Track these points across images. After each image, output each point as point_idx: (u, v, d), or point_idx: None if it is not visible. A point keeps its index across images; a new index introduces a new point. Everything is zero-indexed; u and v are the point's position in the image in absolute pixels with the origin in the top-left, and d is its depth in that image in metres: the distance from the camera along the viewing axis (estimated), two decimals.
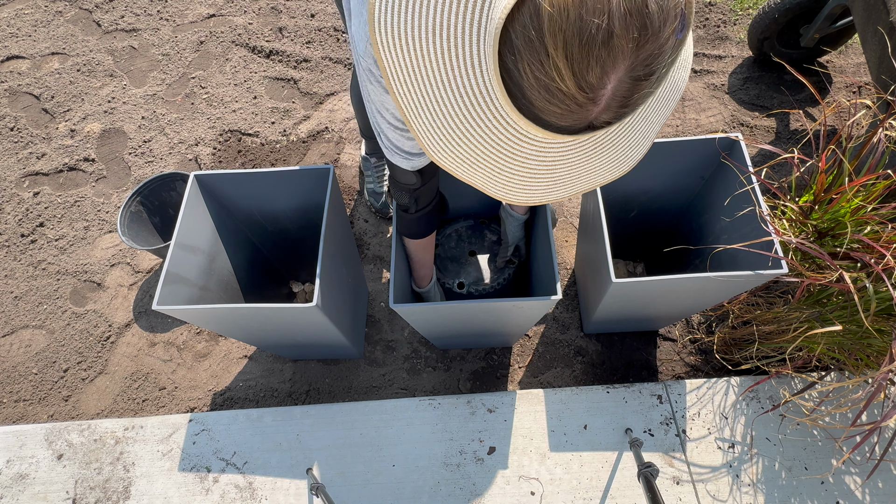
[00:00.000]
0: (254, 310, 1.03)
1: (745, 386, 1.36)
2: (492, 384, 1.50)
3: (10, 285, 1.78)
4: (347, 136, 1.99)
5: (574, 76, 0.38)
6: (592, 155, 0.48)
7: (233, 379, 1.56)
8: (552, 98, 0.40)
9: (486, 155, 0.47)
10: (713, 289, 1.09)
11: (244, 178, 1.20)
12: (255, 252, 1.45)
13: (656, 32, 0.37)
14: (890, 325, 1.06)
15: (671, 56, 0.40)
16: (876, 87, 1.36)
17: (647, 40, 0.37)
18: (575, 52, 0.37)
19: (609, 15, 0.35)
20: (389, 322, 1.62)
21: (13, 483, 1.38)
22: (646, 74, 0.40)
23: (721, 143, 1.16)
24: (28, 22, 2.39)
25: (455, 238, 1.52)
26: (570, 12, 0.36)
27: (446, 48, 0.43)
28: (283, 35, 2.25)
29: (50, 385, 1.60)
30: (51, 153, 2.04)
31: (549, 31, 0.37)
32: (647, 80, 0.40)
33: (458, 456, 1.33)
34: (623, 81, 0.39)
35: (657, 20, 0.37)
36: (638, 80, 0.40)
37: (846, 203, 1.11)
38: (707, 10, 2.18)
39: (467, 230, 1.53)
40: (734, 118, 1.90)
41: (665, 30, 0.38)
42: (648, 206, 1.41)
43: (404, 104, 0.48)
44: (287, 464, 1.34)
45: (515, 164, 0.48)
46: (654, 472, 1.05)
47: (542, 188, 0.51)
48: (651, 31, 0.37)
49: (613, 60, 0.37)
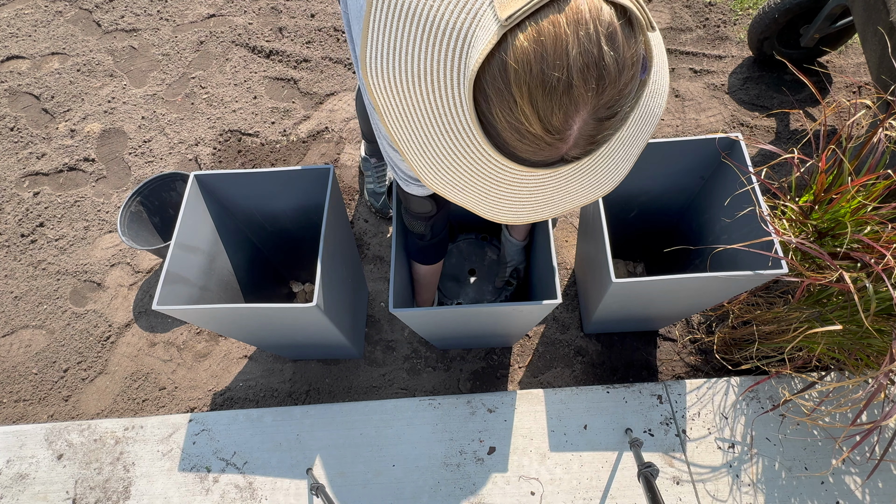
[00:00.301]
0: (254, 310, 1.03)
1: (745, 386, 1.36)
2: (492, 384, 1.50)
3: (10, 285, 1.78)
4: (347, 136, 1.99)
5: (540, 121, 0.42)
6: (573, 180, 0.52)
7: (233, 379, 1.56)
8: (523, 139, 0.44)
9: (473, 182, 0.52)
10: (713, 289, 1.09)
11: (244, 178, 1.20)
12: (255, 252, 1.45)
13: (614, 81, 0.41)
14: (890, 325, 1.06)
15: (634, 96, 0.44)
16: (876, 87, 1.36)
17: (606, 88, 0.41)
18: (539, 100, 0.41)
19: (567, 68, 0.39)
20: (389, 322, 1.62)
21: (13, 483, 1.38)
22: (609, 116, 0.44)
23: (721, 143, 1.16)
24: (28, 22, 2.39)
25: (456, 254, 1.55)
26: (532, 66, 0.40)
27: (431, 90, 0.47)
28: (283, 35, 2.25)
29: (50, 385, 1.60)
30: (51, 153, 2.04)
31: (514, 82, 0.41)
32: (611, 120, 0.44)
33: (458, 456, 1.33)
34: (587, 122, 0.43)
35: (613, 70, 0.40)
36: (602, 120, 0.44)
37: (846, 203, 1.11)
38: (707, 10, 2.18)
39: (468, 245, 1.55)
40: (734, 118, 1.90)
41: (622, 77, 0.41)
42: (648, 206, 1.40)
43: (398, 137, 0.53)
44: (287, 464, 1.34)
45: (501, 189, 0.52)
46: (654, 472, 1.05)
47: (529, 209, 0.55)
48: (609, 80, 0.41)
49: (575, 106, 0.41)
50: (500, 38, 0.40)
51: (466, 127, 0.47)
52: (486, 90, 0.43)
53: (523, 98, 0.41)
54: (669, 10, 2.19)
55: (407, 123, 0.51)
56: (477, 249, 1.56)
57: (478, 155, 0.49)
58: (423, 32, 0.46)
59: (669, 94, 1.98)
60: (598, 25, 0.39)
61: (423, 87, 0.48)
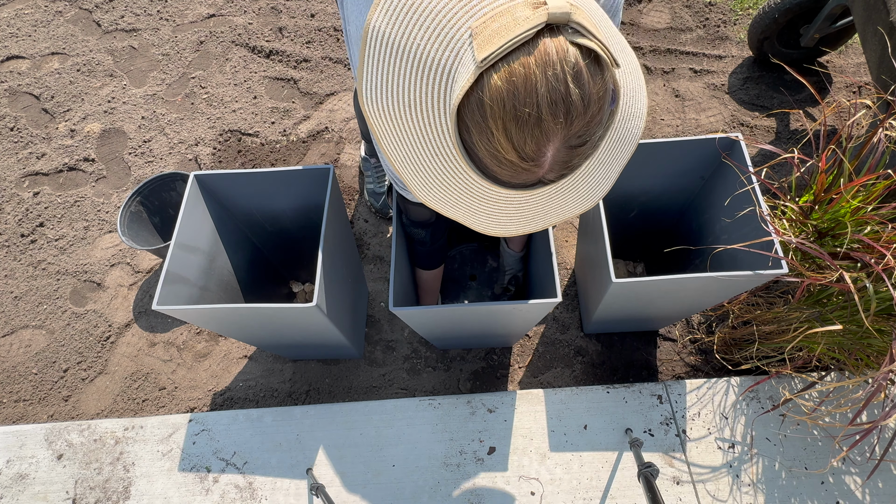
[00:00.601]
0: (254, 310, 1.03)
1: (745, 386, 1.36)
2: (492, 384, 1.50)
3: (10, 285, 1.78)
4: (347, 136, 1.99)
5: (515, 150, 0.47)
6: (556, 197, 0.58)
7: (233, 379, 1.56)
8: (501, 165, 0.49)
9: (462, 199, 0.57)
10: (713, 289, 1.09)
11: (244, 178, 1.20)
12: (255, 252, 1.45)
13: (581, 114, 0.45)
14: (890, 325, 1.06)
15: (605, 124, 0.49)
16: (876, 87, 1.36)
17: (574, 120, 0.45)
18: (513, 131, 0.46)
19: (537, 105, 0.44)
20: (389, 322, 1.62)
21: (13, 483, 1.38)
22: (580, 143, 0.48)
23: (721, 143, 1.16)
24: (28, 22, 2.39)
25: (458, 260, 1.57)
26: (505, 103, 0.44)
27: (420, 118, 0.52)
28: (283, 35, 2.25)
29: (50, 385, 1.60)
30: (51, 153, 2.04)
31: (490, 116, 0.46)
32: (583, 146, 0.49)
33: (458, 456, 1.33)
34: (560, 150, 0.48)
35: (579, 105, 0.45)
36: (573, 147, 0.48)
37: (846, 203, 1.11)
38: (707, 10, 2.18)
39: (470, 253, 1.58)
40: (734, 118, 1.90)
41: (590, 110, 0.46)
42: (648, 206, 1.40)
43: (393, 158, 0.58)
44: (287, 464, 1.34)
45: (489, 206, 0.57)
46: (654, 472, 1.05)
47: (516, 224, 0.61)
48: (576, 114, 0.45)
49: (546, 137, 0.46)
50: (478, 76, 0.45)
51: (452, 152, 0.52)
52: (466, 122, 0.48)
53: (498, 130, 0.46)
54: (669, 10, 2.19)
55: (400, 146, 0.56)
56: (478, 257, 1.59)
57: (463, 178, 0.54)
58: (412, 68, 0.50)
59: (670, 93, 1.98)
60: (565, 65, 0.44)
61: (413, 116, 0.52)
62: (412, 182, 0.58)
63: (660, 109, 1.96)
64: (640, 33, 2.15)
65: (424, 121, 0.52)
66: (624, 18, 2.20)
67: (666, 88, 2.00)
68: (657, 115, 1.95)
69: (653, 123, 1.93)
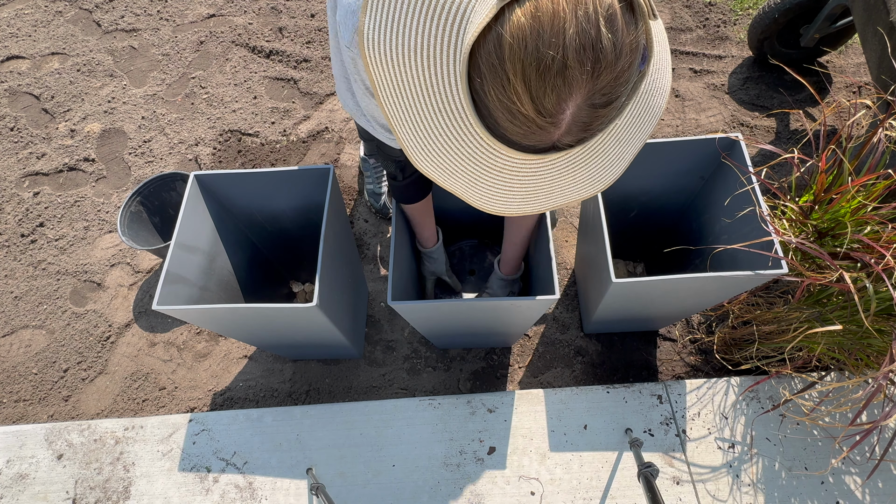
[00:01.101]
0: (254, 310, 1.03)
1: (745, 386, 1.36)
2: (492, 384, 1.50)
3: (10, 285, 1.78)
4: (347, 136, 1.99)
5: (532, 101, 0.41)
6: (566, 173, 0.51)
7: (233, 379, 1.56)
8: (514, 119, 0.43)
9: (462, 165, 0.51)
10: (713, 289, 1.09)
11: (244, 178, 1.20)
12: (255, 252, 1.45)
13: (610, 65, 0.40)
14: (890, 325, 1.06)
15: (632, 86, 0.44)
16: (876, 87, 1.36)
17: (602, 72, 0.40)
18: (532, 79, 0.40)
19: (563, 47, 0.38)
20: (389, 322, 1.62)
21: (13, 483, 1.38)
22: (604, 103, 0.43)
23: (721, 143, 1.16)
24: (28, 22, 2.39)
25: (458, 256, 1.58)
26: (527, 42, 0.39)
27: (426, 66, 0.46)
28: (283, 35, 2.25)
29: (50, 385, 1.60)
30: (51, 153, 2.04)
31: (508, 58, 0.40)
32: (607, 108, 0.43)
33: (458, 456, 1.33)
34: (581, 108, 0.42)
35: (610, 54, 0.39)
36: (596, 107, 0.43)
37: (846, 203, 1.11)
38: (707, 10, 2.18)
39: (470, 249, 1.58)
40: (734, 118, 1.90)
41: (620, 63, 0.40)
42: (648, 206, 1.40)
43: (390, 114, 0.52)
44: (287, 464, 1.34)
45: (490, 175, 0.51)
46: (654, 472, 1.05)
47: (518, 201, 0.54)
48: (605, 64, 0.40)
49: (569, 89, 0.40)
50: (499, 11, 0.40)
51: (459, 105, 0.46)
52: (480, 66, 0.42)
53: (516, 76, 0.40)
54: (669, 10, 2.19)
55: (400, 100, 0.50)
56: (478, 253, 1.58)
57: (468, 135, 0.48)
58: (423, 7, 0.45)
59: (670, 93, 1.98)
60: (598, 6, 0.38)
61: (419, 63, 0.47)
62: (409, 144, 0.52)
63: None
64: None
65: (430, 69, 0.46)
66: None
67: None
68: None
69: None
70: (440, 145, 0.50)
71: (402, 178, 1.06)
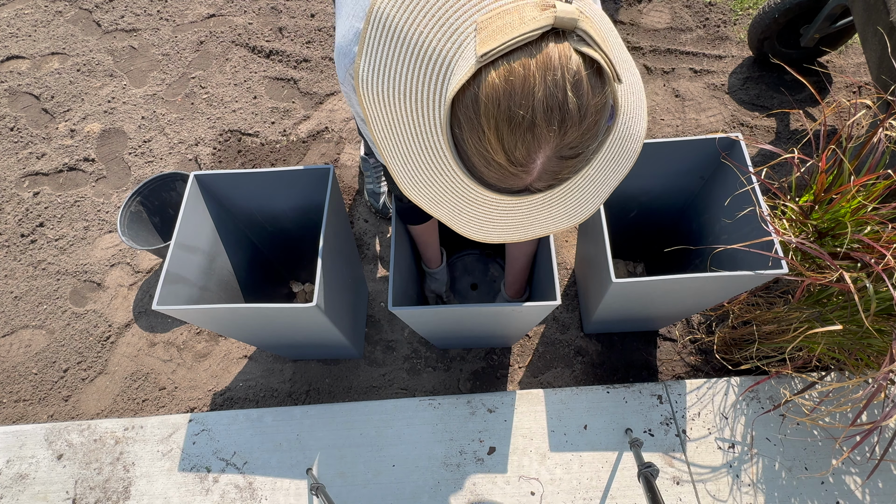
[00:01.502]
0: (254, 310, 1.03)
1: (745, 386, 1.35)
2: (492, 384, 1.50)
3: (10, 285, 1.78)
4: (347, 136, 1.99)
5: (504, 151, 0.45)
6: (543, 209, 0.56)
7: (233, 379, 1.56)
8: (489, 166, 0.48)
9: (446, 197, 0.56)
10: (713, 289, 1.09)
11: (244, 178, 1.20)
12: (255, 252, 1.45)
13: (576, 124, 0.44)
14: (890, 325, 1.06)
15: (598, 141, 0.48)
16: (876, 87, 1.36)
17: (568, 130, 0.44)
18: (504, 133, 0.44)
19: (532, 108, 0.43)
20: (389, 322, 1.62)
21: (13, 483, 1.38)
22: (572, 155, 0.47)
23: (721, 143, 1.16)
24: (28, 22, 2.39)
25: (459, 268, 1.59)
26: (500, 102, 0.43)
27: (414, 109, 0.51)
28: (283, 35, 2.25)
29: (50, 385, 1.60)
30: (51, 153, 2.04)
31: (483, 114, 0.44)
32: (575, 159, 0.48)
33: (458, 456, 1.33)
34: (551, 159, 0.46)
35: (576, 115, 0.43)
36: (565, 158, 0.47)
37: (846, 203, 1.11)
38: (707, 10, 2.18)
39: (472, 261, 1.59)
40: (734, 118, 1.90)
41: (586, 122, 0.44)
42: (648, 206, 1.40)
43: (382, 146, 0.56)
44: (287, 464, 1.34)
45: (472, 208, 0.56)
46: (654, 472, 1.05)
47: (499, 231, 0.59)
48: (570, 123, 0.44)
49: (538, 143, 0.44)
50: (476, 72, 0.44)
51: (441, 148, 0.51)
52: (459, 117, 0.47)
53: (490, 129, 0.44)
54: (669, 10, 2.19)
55: (391, 136, 0.55)
56: (480, 265, 1.59)
57: (449, 175, 0.52)
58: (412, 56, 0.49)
59: (670, 93, 1.98)
60: (566, 73, 0.42)
61: (407, 105, 0.51)
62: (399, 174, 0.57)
63: (660, 109, 1.96)
64: (640, 33, 2.15)
65: (418, 112, 0.51)
66: (624, 18, 2.20)
67: (666, 88, 2.00)
68: (657, 115, 1.95)
69: (653, 123, 1.93)
70: (426, 178, 0.55)
71: (406, 199, 1.08)
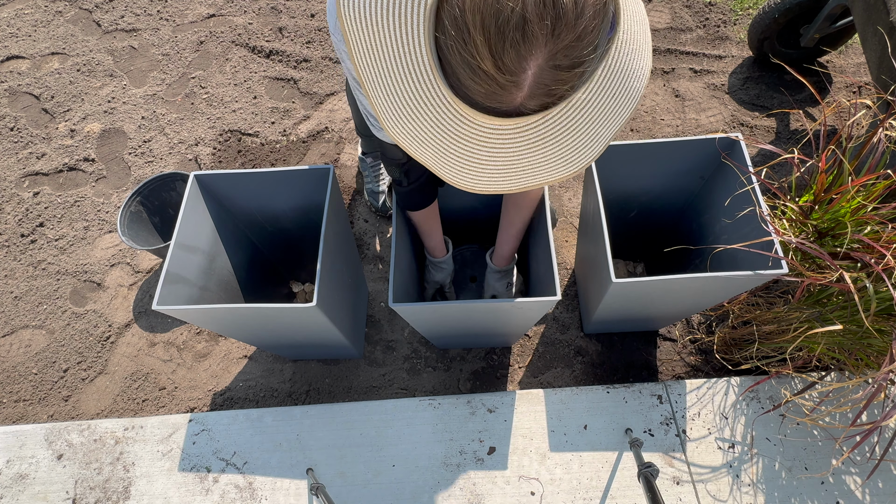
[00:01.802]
0: (254, 310, 1.03)
1: (745, 386, 1.36)
2: (492, 384, 1.50)
3: (10, 285, 1.78)
4: (347, 136, 1.99)
5: (492, 56, 0.41)
6: (536, 149, 0.51)
7: (233, 379, 1.56)
8: (475, 77, 0.43)
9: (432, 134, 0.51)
10: (713, 289, 1.09)
11: (244, 178, 1.20)
12: (255, 252, 1.45)
13: (570, 24, 0.39)
14: (890, 325, 1.06)
15: (598, 53, 0.43)
16: (876, 87, 1.36)
17: (562, 30, 0.40)
18: (492, 32, 0.40)
19: (524, 2, 0.38)
20: (389, 322, 1.62)
21: (13, 483, 1.38)
22: (568, 66, 0.42)
23: (721, 143, 1.16)
24: (28, 22, 2.39)
25: (459, 261, 1.58)
26: None
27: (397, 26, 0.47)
28: (283, 35, 2.25)
29: (50, 385, 1.60)
30: (51, 153, 2.04)
31: (469, 10, 0.40)
32: (571, 72, 0.43)
33: (458, 456, 1.33)
34: (543, 69, 0.42)
35: (571, 13, 0.39)
36: (559, 69, 0.42)
37: (846, 203, 1.11)
38: (707, 10, 2.18)
39: (471, 255, 1.58)
40: (734, 118, 1.90)
41: (581, 22, 0.40)
42: (648, 206, 1.40)
43: (364, 78, 0.52)
44: (287, 464, 1.34)
45: (459, 146, 0.51)
46: (654, 472, 1.05)
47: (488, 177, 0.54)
48: (565, 22, 0.39)
49: (529, 46, 0.40)
50: None
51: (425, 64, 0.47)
52: (444, 21, 0.43)
53: (476, 28, 0.40)
54: (669, 10, 2.19)
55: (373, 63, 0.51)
56: (479, 259, 1.59)
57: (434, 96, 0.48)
58: None
59: (670, 93, 1.98)
60: None
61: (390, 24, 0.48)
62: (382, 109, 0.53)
63: (660, 109, 1.96)
64: None
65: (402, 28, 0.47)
66: None
67: (666, 88, 2.00)
68: (657, 115, 1.95)
69: (653, 123, 1.93)
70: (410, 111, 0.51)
71: (406, 183, 1.06)
